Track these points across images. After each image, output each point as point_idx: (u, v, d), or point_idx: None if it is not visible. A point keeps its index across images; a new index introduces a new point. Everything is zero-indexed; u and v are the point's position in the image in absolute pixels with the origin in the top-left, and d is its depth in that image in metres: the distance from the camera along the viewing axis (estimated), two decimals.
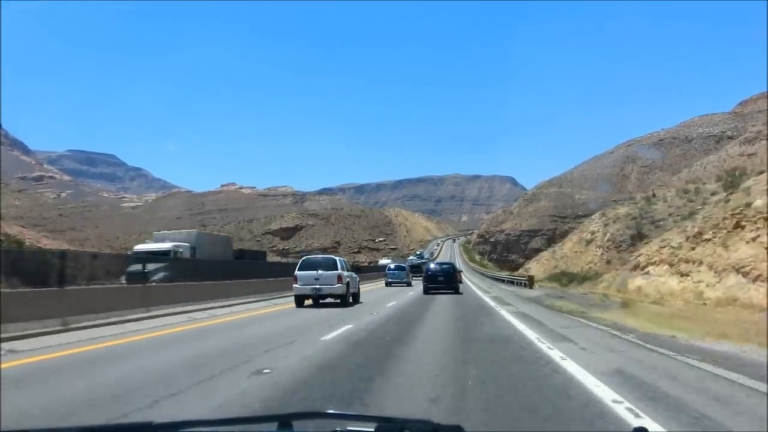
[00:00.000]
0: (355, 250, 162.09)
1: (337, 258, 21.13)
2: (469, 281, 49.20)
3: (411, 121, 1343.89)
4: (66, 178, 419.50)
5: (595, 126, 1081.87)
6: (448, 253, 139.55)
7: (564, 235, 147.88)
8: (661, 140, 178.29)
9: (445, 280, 27.92)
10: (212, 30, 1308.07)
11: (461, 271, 45.33)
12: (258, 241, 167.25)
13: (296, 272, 19.14)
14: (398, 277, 40.21)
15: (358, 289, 21.98)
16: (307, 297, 18.94)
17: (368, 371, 6.76)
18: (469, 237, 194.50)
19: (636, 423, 4.35)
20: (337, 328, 11.51)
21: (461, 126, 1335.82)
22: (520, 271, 78.94)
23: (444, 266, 30.59)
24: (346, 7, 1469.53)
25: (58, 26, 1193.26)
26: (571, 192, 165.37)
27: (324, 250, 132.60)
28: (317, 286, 18.57)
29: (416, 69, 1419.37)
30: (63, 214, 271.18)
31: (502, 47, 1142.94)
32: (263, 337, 10.38)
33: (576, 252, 63.38)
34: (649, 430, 2.04)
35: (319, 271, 18.86)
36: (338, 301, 18.87)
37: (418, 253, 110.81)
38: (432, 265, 31.58)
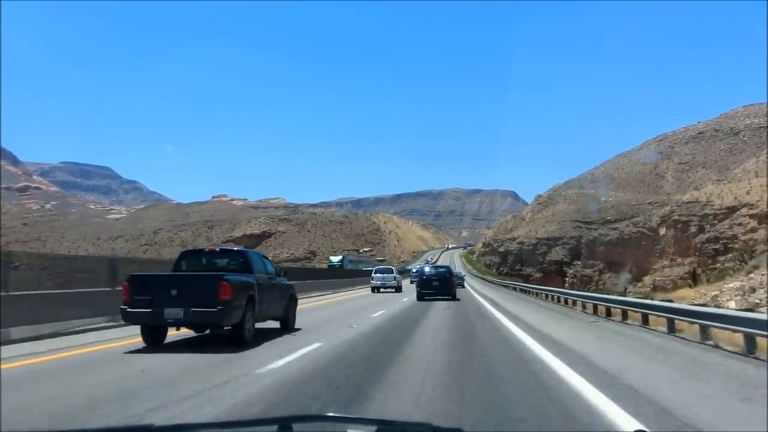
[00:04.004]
0: None
1: (393, 267, 44.48)
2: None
3: (411, 135, 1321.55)
4: (53, 189, 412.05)
5: (598, 138, 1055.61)
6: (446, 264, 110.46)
7: (592, 243, 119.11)
8: (700, 134, 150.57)
9: (440, 285, 25.94)
10: (211, 40, 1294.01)
11: (464, 276, 54.20)
12: None
13: (372, 275, 37.07)
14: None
15: (402, 283, 39.13)
16: (377, 288, 35.37)
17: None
18: (467, 248, 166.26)
19: None
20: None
21: (461, 140, 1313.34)
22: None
23: (440, 270, 28.71)
24: (344, 23, 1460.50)
25: (53, 40, 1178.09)
26: (595, 193, 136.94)
27: (295, 262, 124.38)
28: (382, 282, 35.70)
29: (413, 82, 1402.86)
30: (27, 223, 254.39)
31: (501, 59, 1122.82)
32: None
33: None
34: None
35: (384, 274, 36.71)
36: (393, 290, 34.98)
37: (335, 260, 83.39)
38: (426, 269, 29.87)
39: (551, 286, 45.26)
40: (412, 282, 51.67)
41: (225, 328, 8.91)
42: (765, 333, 7.41)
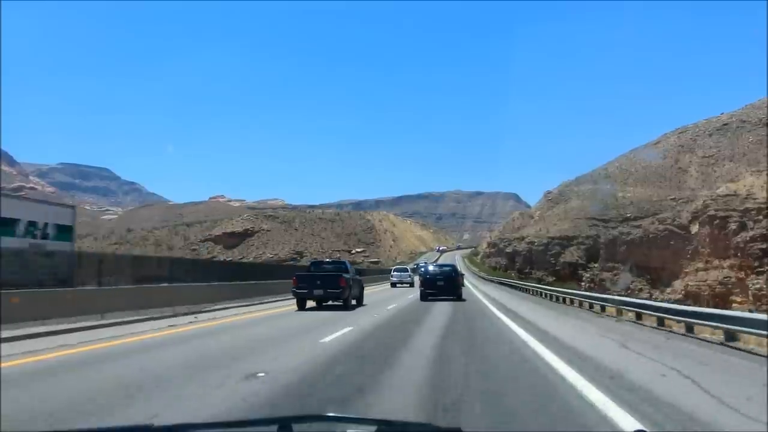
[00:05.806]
0: None
1: (407, 266, 58.93)
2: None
3: (412, 138, 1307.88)
4: (49, 189, 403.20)
5: (602, 140, 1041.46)
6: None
7: (611, 243, 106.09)
8: (725, 125, 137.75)
9: (445, 285, 25.61)
10: (212, 43, 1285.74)
11: (463, 275, 50.72)
12: (194, 249, 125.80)
13: (392, 273, 48.88)
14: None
15: (414, 279, 45.97)
16: (395, 284, 45.04)
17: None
18: (460, 249, 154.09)
19: None
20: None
21: (462, 142, 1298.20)
22: None
23: (444, 268, 28.38)
24: (343, 26, 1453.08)
25: (53, 42, 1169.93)
26: (611, 189, 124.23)
27: (279, 263, 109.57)
28: (399, 279, 45.93)
29: (414, 85, 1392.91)
30: None
31: (503, 62, 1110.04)
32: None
33: None
34: None
35: (401, 273, 47.69)
36: (408, 285, 44.03)
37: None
38: (431, 268, 29.47)
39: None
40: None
41: (341, 300, 19.39)
42: None
